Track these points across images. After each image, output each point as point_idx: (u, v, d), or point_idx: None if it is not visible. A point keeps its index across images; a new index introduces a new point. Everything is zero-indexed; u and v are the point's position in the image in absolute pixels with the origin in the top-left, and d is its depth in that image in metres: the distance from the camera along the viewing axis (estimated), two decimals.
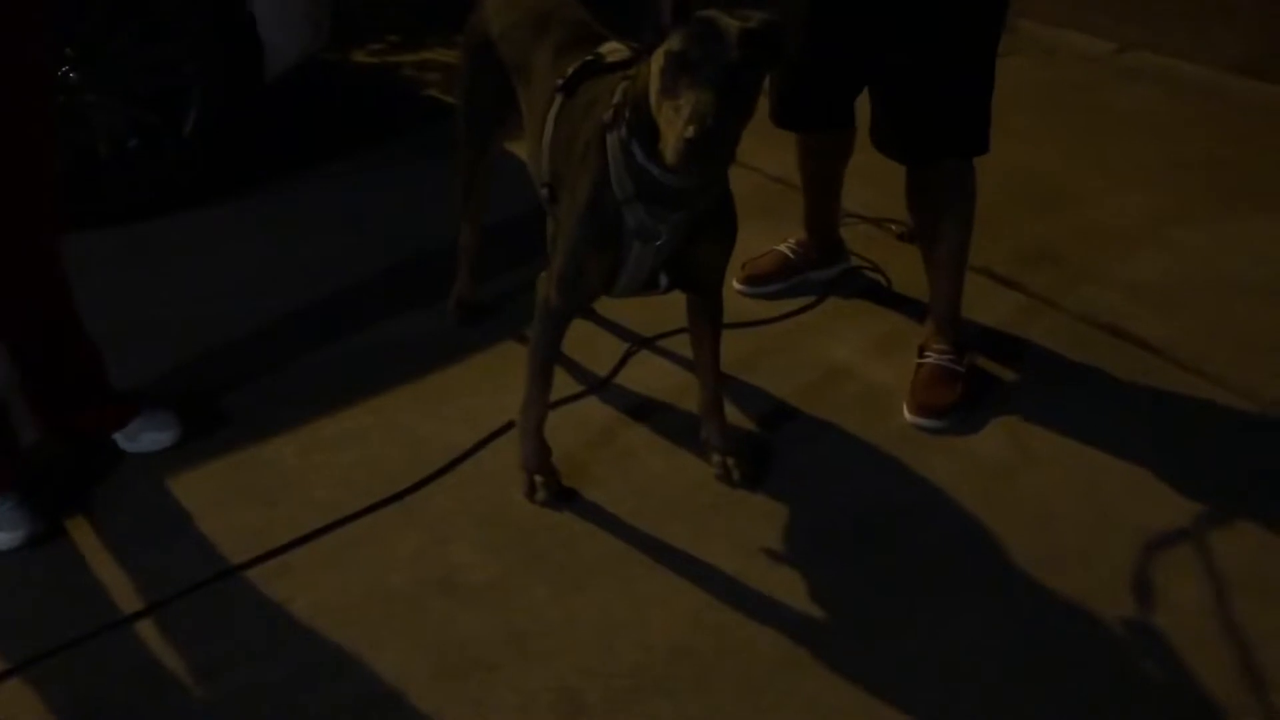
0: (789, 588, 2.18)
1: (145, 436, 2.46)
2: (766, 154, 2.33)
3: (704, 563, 2.23)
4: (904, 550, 2.27)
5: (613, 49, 2.19)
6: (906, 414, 2.59)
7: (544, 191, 2.30)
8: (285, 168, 3.64)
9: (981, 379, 2.69)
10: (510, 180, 2.94)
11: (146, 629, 2.08)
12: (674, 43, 1.83)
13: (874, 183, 3.02)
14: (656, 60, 1.87)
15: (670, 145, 1.82)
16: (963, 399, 2.60)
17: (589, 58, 2.20)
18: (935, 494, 2.41)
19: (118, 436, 2.45)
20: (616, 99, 2.02)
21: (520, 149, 2.56)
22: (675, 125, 1.80)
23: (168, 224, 3.28)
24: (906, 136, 2.51)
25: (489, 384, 2.67)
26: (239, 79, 3.35)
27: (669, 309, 2.56)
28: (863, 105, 2.60)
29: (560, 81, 2.20)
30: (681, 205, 2.03)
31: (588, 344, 2.78)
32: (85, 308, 2.39)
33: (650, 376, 2.73)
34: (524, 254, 2.99)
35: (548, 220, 2.42)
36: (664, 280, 2.18)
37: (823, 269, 3.09)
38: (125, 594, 2.15)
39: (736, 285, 3.03)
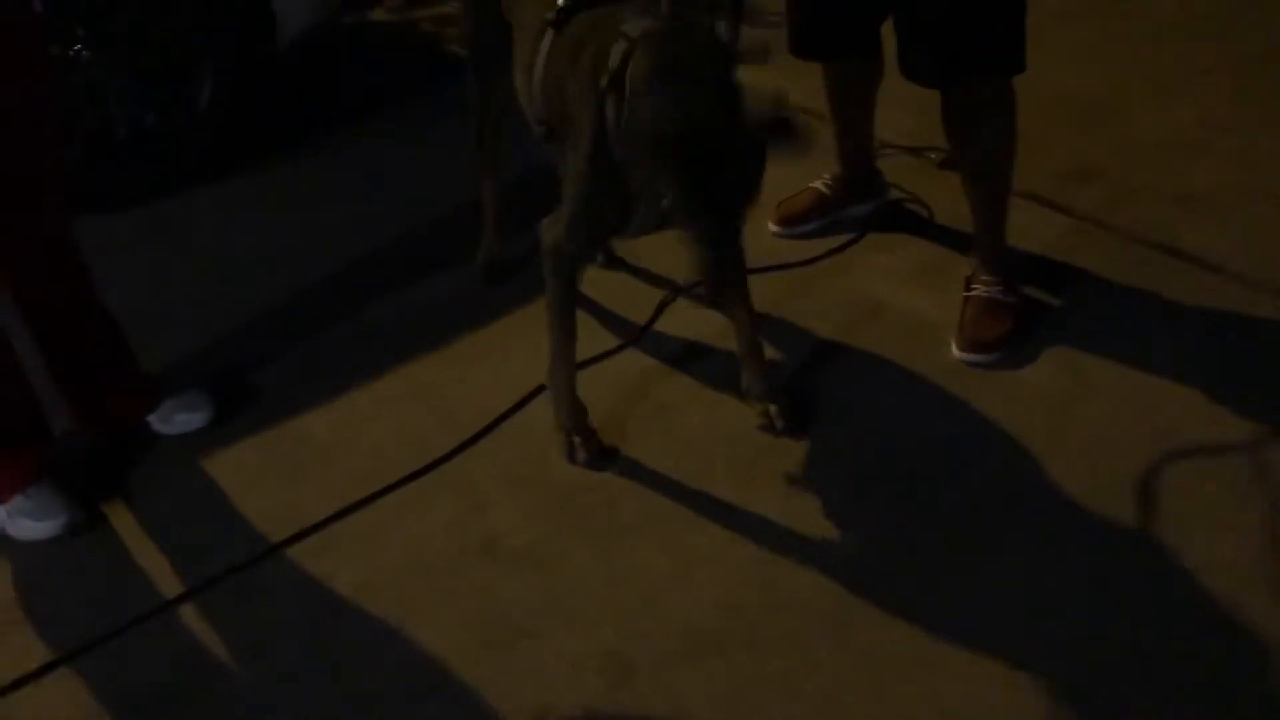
0: (838, 536, 2.12)
1: (178, 418, 2.43)
2: (791, 83, 2.21)
3: (749, 516, 2.17)
4: (956, 491, 2.19)
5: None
6: (955, 350, 2.50)
7: (540, 129, 2.21)
8: (305, 135, 3.58)
9: (1032, 309, 2.59)
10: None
11: (189, 612, 2.08)
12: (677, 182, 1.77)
13: (911, 109, 2.90)
14: (669, 165, 1.76)
15: (692, 268, 1.83)
16: (1013, 331, 2.51)
17: None
18: (988, 431, 2.32)
19: (151, 419, 2.43)
20: (613, 62, 1.89)
21: None
22: (693, 253, 1.81)
23: (187, 200, 3.23)
24: (936, 58, 2.39)
25: (521, 345, 2.60)
26: (252, 48, 3.28)
27: None
28: (889, 33, 2.49)
29: (550, 16, 2.11)
30: None
31: (619, 293, 2.71)
32: (109, 291, 2.36)
33: (685, 324, 2.65)
34: (552, 207, 2.91)
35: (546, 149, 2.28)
36: None
37: (860, 204, 2.98)
38: (166, 578, 2.14)
39: (772, 227, 2.94)
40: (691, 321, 2.65)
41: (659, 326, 2.65)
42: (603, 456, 2.31)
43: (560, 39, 2.10)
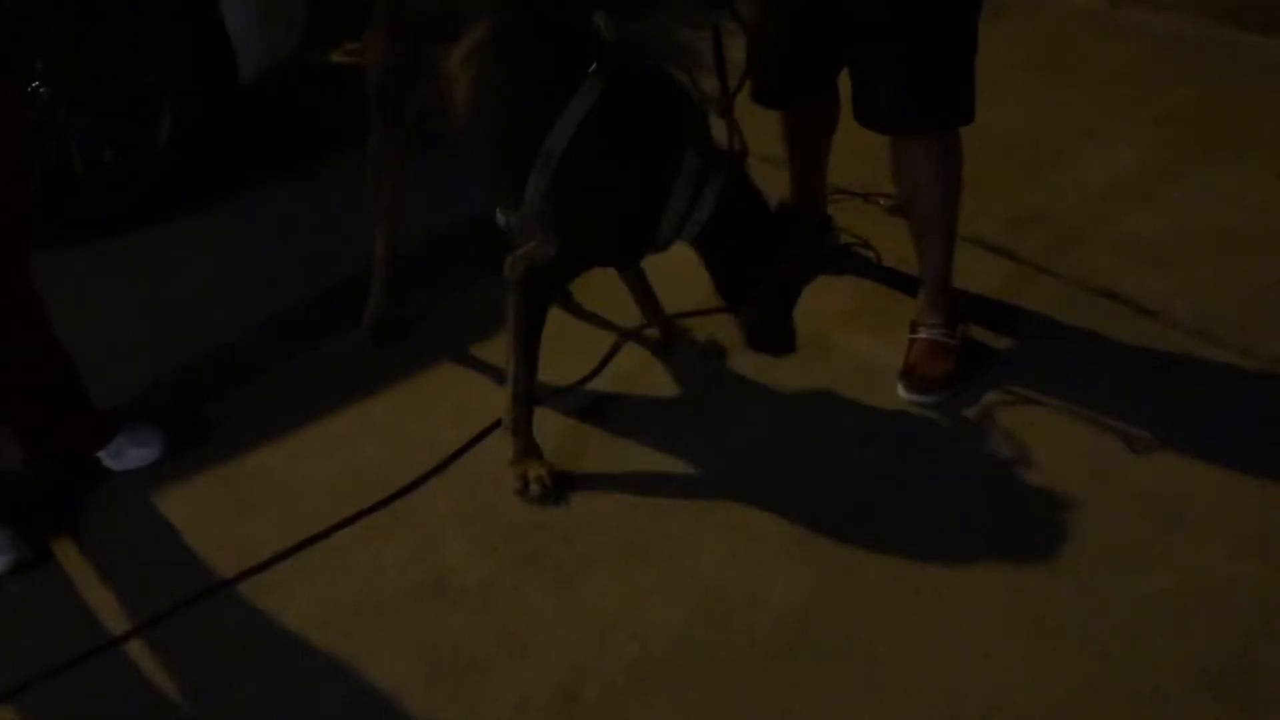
0: (787, 571, 2.15)
1: (129, 453, 2.42)
2: (752, 132, 2.28)
3: (700, 550, 2.20)
4: (902, 527, 2.23)
5: (616, 30, 2.25)
6: (901, 390, 2.55)
7: (549, 160, 2.20)
8: (263, 171, 3.60)
9: (976, 351, 2.65)
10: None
11: (137, 649, 2.06)
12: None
13: (861, 157, 2.96)
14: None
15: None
16: (957, 372, 2.56)
17: (624, 50, 2.22)
18: (932, 468, 2.37)
19: (102, 455, 2.42)
20: (689, 170, 2.19)
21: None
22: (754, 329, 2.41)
23: (142, 235, 3.23)
24: (890, 106, 2.46)
25: (473, 382, 2.62)
26: (211, 86, 3.30)
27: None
28: (845, 80, 2.55)
29: (601, 70, 2.18)
30: None
31: (567, 332, 2.73)
32: (61, 324, 2.35)
33: (634, 365, 2.68)
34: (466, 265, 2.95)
35: (533, 176, 2.24)
36: None
37: (812, 247, 3.04)
38: (114, 614, 2.13)
39: None
40: (642, 361, 2.69)
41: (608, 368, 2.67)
42: (559, 488, 2.32)
43: (612, 96, 2.17)
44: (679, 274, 2.55)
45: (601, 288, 2.68)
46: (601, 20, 2.28)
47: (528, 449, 2.34)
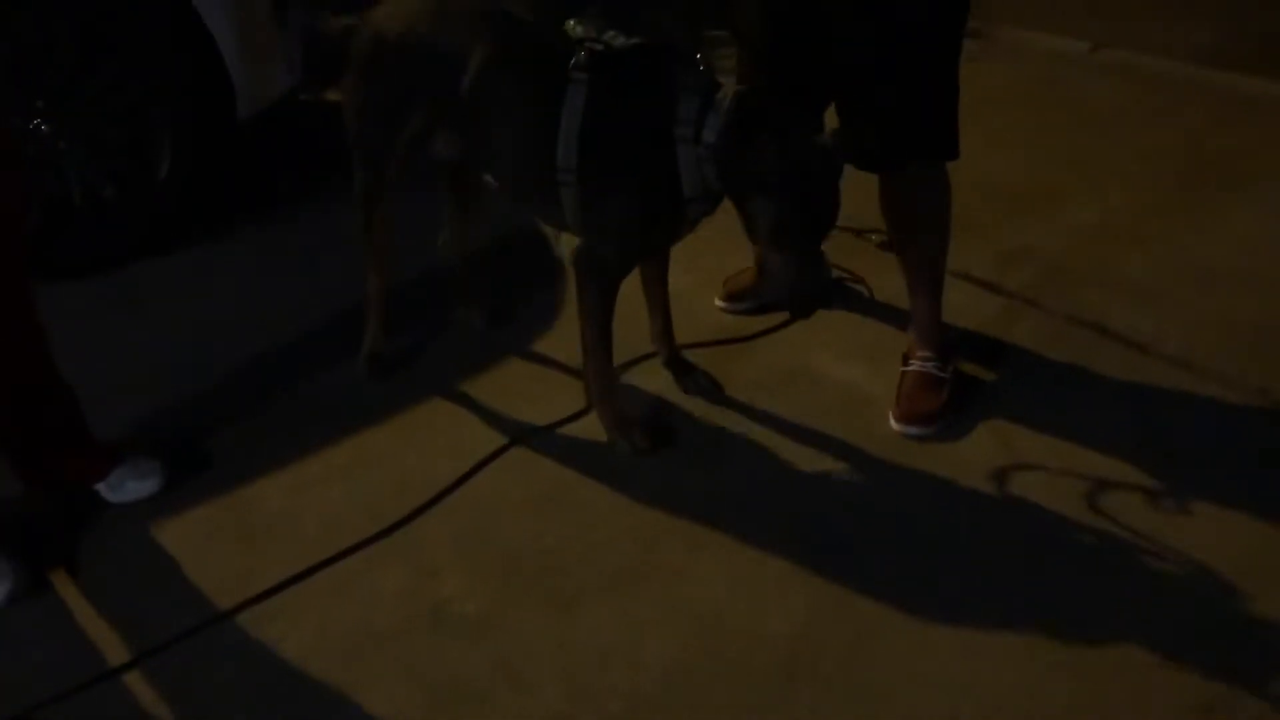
0: (782, 601, 2.17)
1: (128, 486, 2.44)
2: None
3: (695, 581, 2.22)
4: (895, 558, 2.25)
5: (592, 31, 2.30)
6: (893, 422, 2.58)
7: (568, 176, 2.30)
8: (261, 206, 3.64)
9: (966, 384, 2.68)
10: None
11: (135, 680, 2.07)
12: (781, 211, 2.15)
13: (853, 193, 3.00)
14: (765, 212, 2.17)
15: (782, 293, 2.26)
16: (948, 405, 2.59)
17: (595, 44, 2.27)
18: (925, 501, 2.39)
19: (100, 487, 2.43)
20: (686, 114, 2.20)
21: None
22: (787, 277, 2.21)
23: (142, 269, 3.26)
24: (877, 144, 2.50)
25: (471, 413, 2.65)
26: (211, 123, 3.34)
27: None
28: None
29: (580, 73, 2.25)
30: None
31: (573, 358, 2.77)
32: (62, 357, 2.37)
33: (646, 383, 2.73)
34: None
35: (563, 192, 2.34)
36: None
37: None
38: (112, 646, 2.13)
39: (719, 303, 3.02)
40: (649, 385, 2.73)
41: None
42: (659, 441, 2.51)
43: (594, 89, 2.25)
44: (687, 309, 2.67)
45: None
46: (571, 25, 2.35)
47: (619, 421, 2.50)
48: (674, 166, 2.25)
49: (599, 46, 2.28)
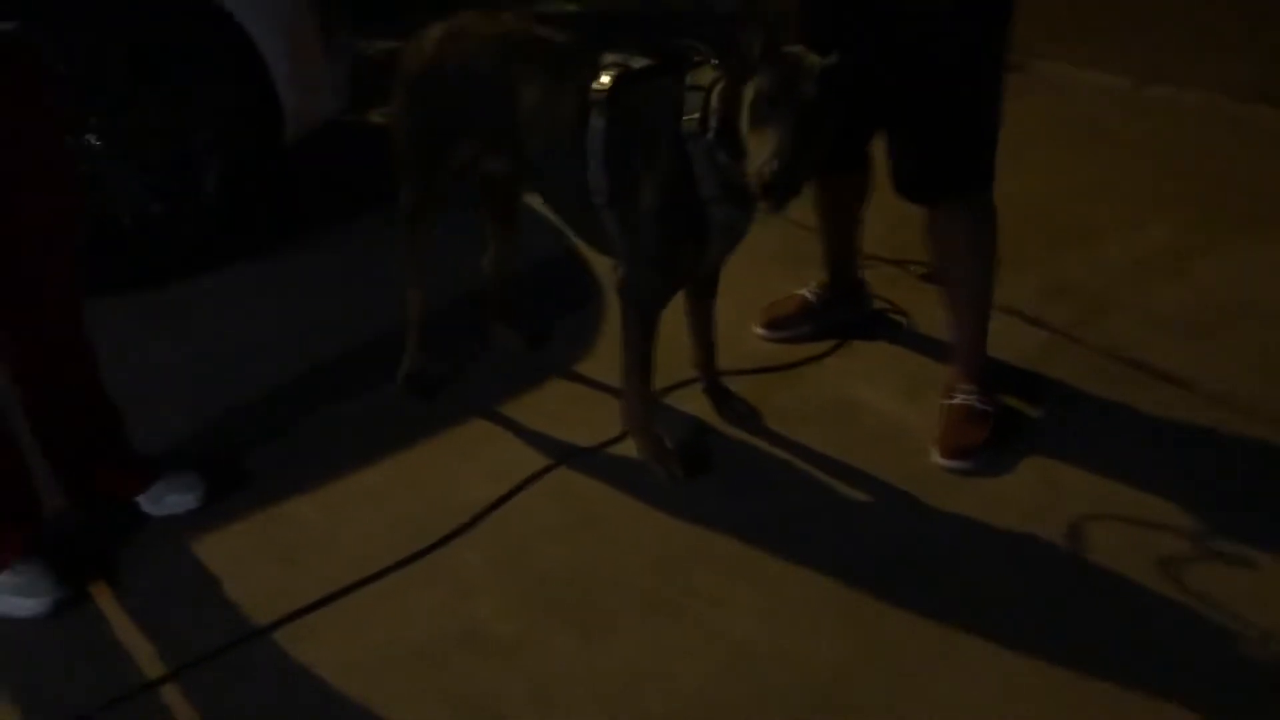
0: (816, 631, 2.15)
1: (169, 499, 2.46)
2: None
3: (729, 608, 2.21)
4: (935, 593, 2.23)
5: (622, 59, 2.31)
6: (935, 456, 2.56)
7: (600, 199, 2.33)
8: (306, 227, 3.68)
9: (1009, 418, 2.66)
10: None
11: (171, 694, 2.07)
12: (763, 83, 2.05)
13: (896, 224, 3.01)
14: (749, 92, 2.07)
15: (753, 175, 2.03)
16: (991, 439, 2.57)
17: (617, 69, 2.29)
18: (966, 535, 2.37)
19: (141, 500, 2.45)
20: (692, 112, 2.19)
21: None
22: (760, 157, 2.02)
23: (188, 286, 3.31)
24: (925, 176, 2.51)
25: (512, 434, 2.66)
26: (259, 143, 3.39)
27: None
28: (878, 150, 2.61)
29: (599, 96, 2.28)
30: None
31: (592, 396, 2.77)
32: (107, 372, 2.41)
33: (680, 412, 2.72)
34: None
35: (603, 215, 2.37)
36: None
37: (844, 312, 3.08)
38: (149, 659, 2.14)
39: (758, 330, 3.02)
40: (688, 410, 2.73)
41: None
42: (694, 472, 2.51)
43: (616, 113, 2.27)
44: (727, 337, 2.66)
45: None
46: (606, 56, 2.36)
47: (656, 449, 2.52)
48: (687, 167, 2.23)
49: (617, 69, 2.30)
